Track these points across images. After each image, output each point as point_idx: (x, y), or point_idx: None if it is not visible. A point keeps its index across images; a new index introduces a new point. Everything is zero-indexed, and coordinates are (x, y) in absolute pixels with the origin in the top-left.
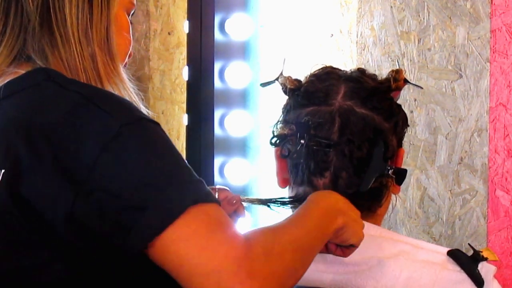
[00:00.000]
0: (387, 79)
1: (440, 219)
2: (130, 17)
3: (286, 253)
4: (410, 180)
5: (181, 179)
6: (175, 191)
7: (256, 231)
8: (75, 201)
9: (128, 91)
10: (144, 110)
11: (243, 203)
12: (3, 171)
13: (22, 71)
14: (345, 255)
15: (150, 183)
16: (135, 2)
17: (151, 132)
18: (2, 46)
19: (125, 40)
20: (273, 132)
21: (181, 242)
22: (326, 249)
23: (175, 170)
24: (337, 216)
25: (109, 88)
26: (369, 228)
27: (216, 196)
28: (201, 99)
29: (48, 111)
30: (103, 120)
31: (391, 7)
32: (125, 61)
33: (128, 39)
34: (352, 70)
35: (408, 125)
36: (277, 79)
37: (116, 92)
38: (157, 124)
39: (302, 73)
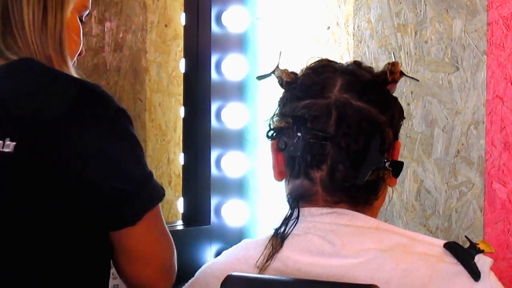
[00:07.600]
0: (383, 72)
1: (436, 212)
2: (84, 19)
3: None
4: (406, 173)
5: None
6: None
7: None
8: None
9: None
10: None
11: None
12: None
13: None
14: None
15: None
16: (89, 4)
17: None
18: None
19: (75, 43)
20: (269, 125)
21: None
22: None
23: None
24: None
25: None
26: (366, 220)
27: None
28: (198, 91)
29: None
30: None
31: None
32: (74, 59)
33: (77, 42)
34: (348, 62)
35: (404, 118)
36: (273, 72)
37: None
38: None
39: (298, 66)
